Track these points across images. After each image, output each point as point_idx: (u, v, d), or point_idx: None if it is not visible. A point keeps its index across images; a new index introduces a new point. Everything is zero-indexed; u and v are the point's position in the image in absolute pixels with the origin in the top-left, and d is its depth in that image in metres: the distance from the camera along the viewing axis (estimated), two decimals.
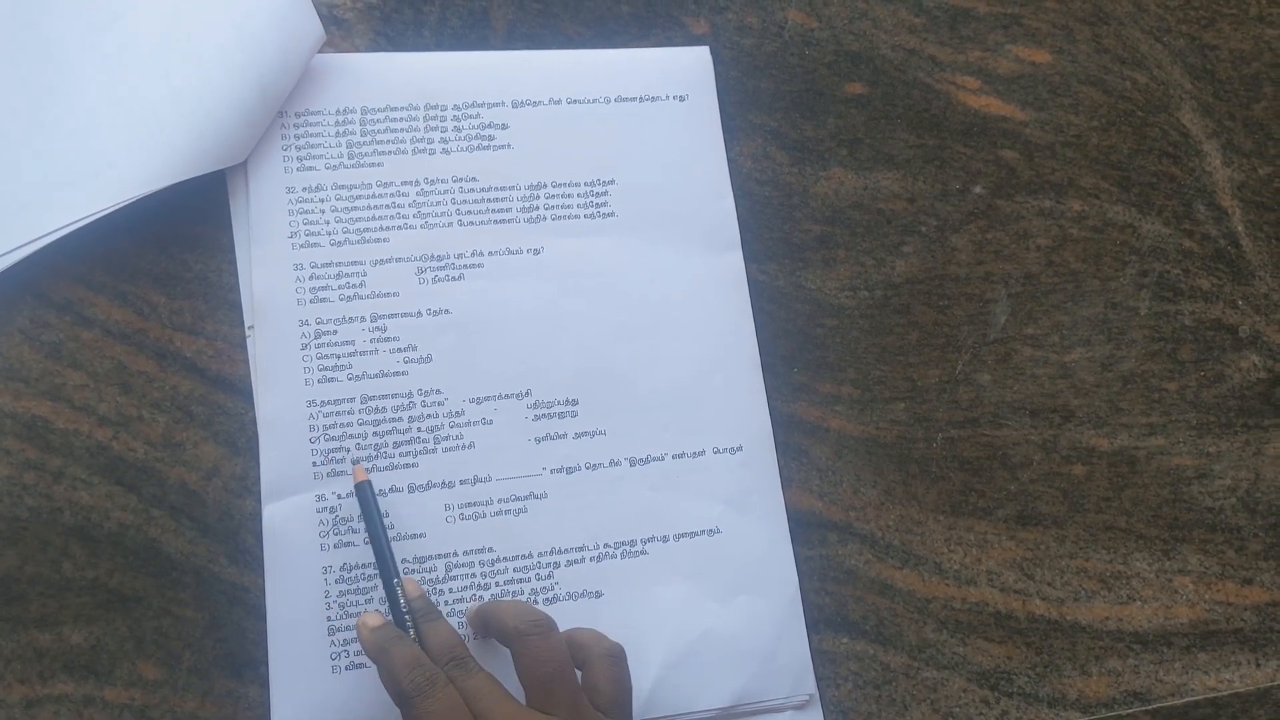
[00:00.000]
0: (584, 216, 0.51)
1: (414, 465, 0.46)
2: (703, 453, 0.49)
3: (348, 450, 0.45)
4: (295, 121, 0.49)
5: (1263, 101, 0.59)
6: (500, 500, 0.47)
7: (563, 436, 0.48)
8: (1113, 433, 0.53)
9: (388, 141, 0.49)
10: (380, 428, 0.46)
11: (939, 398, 0.52)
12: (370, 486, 0.44)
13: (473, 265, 0.49)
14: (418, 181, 0.49)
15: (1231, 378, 0.54)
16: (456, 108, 0.50)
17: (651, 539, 0.47)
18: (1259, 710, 0.50)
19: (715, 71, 0.54)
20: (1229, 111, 0.58)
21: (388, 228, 0.48)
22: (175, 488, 0.45)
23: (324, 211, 0.48)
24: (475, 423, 0.47)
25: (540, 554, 0.46)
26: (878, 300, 0.53)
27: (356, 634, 0.42)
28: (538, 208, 0.50)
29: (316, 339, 0.46)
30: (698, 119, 0.53)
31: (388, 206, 0.49)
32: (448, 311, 0.48)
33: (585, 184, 0.51)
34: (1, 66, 0.47)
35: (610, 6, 0.54)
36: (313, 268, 0.47)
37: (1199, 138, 0.58)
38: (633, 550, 0.47)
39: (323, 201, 0.48)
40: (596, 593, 0.46)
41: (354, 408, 0.46)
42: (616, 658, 0.41)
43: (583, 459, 0.48)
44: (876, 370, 0.52)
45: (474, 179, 0.50)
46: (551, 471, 0.47)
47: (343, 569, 0.44)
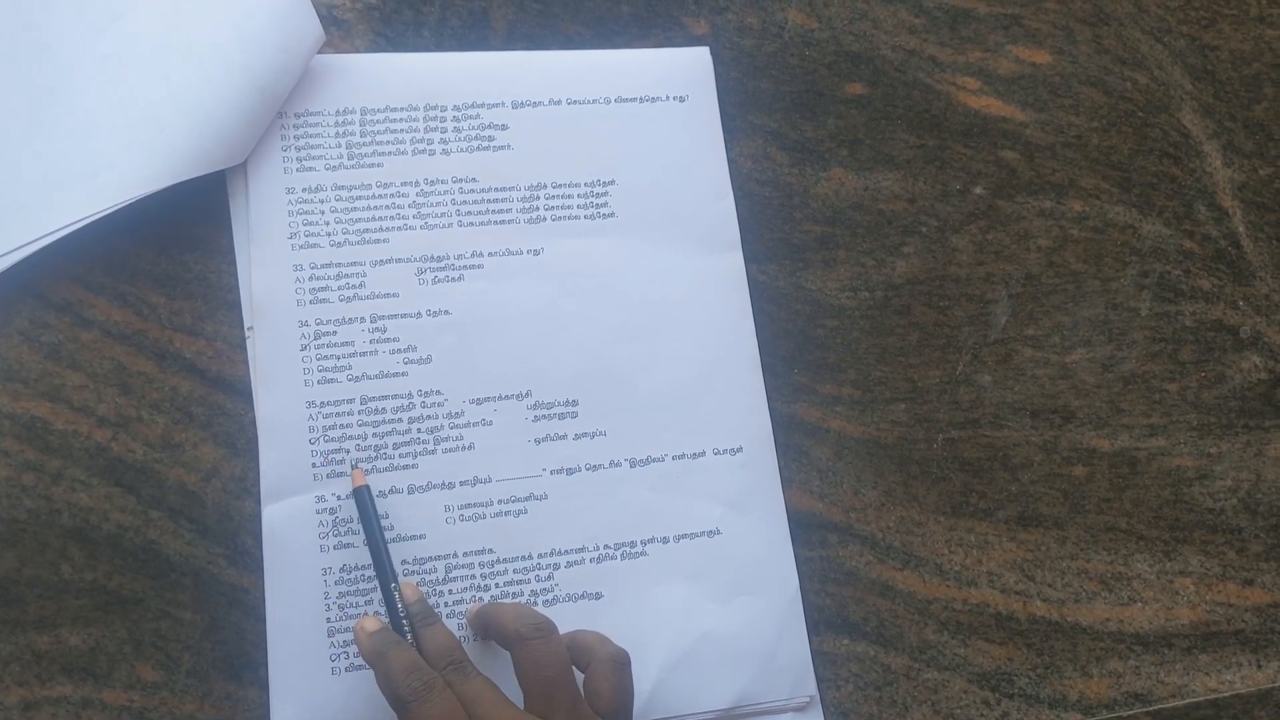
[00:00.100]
0: (584, 217, 0.50)
1: (414, 466, 0.46)
2: (703, 454, 0.49)
3: (347, 451, 0.45)
4: (295, 122, 0.49)
5: (1263, 102, 0.59)
6: (500, 501, 0.46)
7: (563, 437, 0.48)
8: (1113, 434, 0.53)
9: (387, 142, 0.49)
10: (380, 429, 0.46)
11: (939, 398, 0.52)
12: (369, 491, 0.44)
13: (472, 266, 0.49)
14: (417, 182, 0.49)
15: (1232, 378, 0.54)
16: (456, 108, 0.50)
17: (651, 540, 0.47)
18: (1260, 711, 0.50)
19: (715, 72, 0.54)
20: (1229, 112, 0.58)
21: (387, 228, 0.48)
22: (174, 489, 0.45)
23: (324, 212, 0.48)
24: (475, 424, 0.47)
25: (540, 555, 0.46)
26: (878, 301, 0.53)
27: (354, 638, 0.42)
28: (538, 208, 0.50)
29: (316, 340, 0.46)
30: (698, 119, 0.53)
31: (387, 207, 0.48)
32: (447, 312, 0.48)
33: (585, 184, 0.51)
34: (1, 67, 0.47)
35: (610, 7, 0.54)
36: (312, 268, 0.47)
37: (1199, 138, 0.57)
38: (633, 551, 0.47)
39: (322, 202, 0.48)
40: (596, 594, 0.46)
41: (354, 409, 0.46)
42: (621, 663, 0.41)
43: (583, 460, 0.48)
44: (877, 371, 0.52)
45: (474, 179, 0.50)
46: (551, 472, 0.47)
47: (342, 570, 0.44)
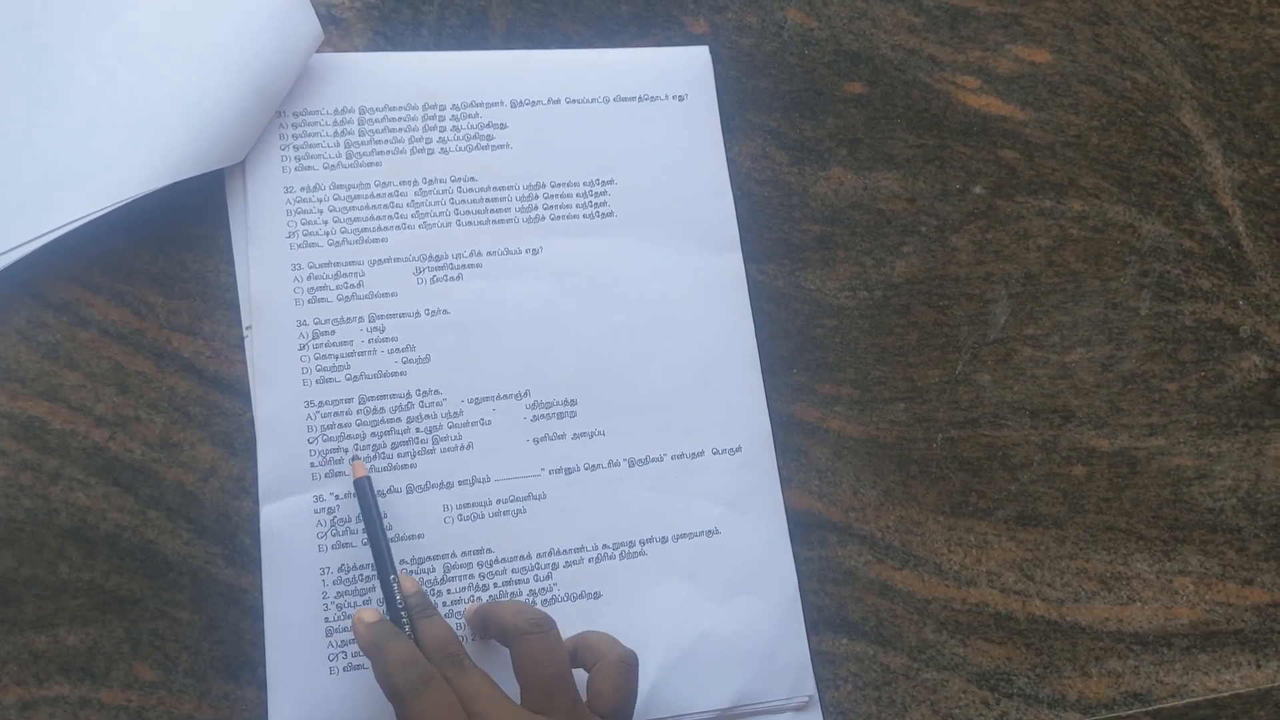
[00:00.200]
0: (583, 216, 0.50)
1: (412, 466, 0.46)
2: (702, 453, 0.49)
3: (346, 451, 0.45)
4: (293, 121, 0.48)
5: (1263, 101, 0.59)
6: (499, 501, 0.46)
7: (561, 437, 0.48)
8: (1113, 433, 0.53)
9: (386, 141, 0.49)
10: (378, 428, 0.46)
11: (939, 398, 0.52)
12: (369, 482, 0.44)
13: (471, 265, 0.49)
14: (416, 181, 0.49)
15: (1232, 378, 0.54)
16: (455, 107, 0.50)
17: (650, 540, 0.47)
18: (1259, 711, 0.50)
19: (714, 71, 0.54)
20: (1229, 111, 0.58)
21: (386, 228, 0.48)
22: (172, 489, 0.45)
23: (322, 211, 0.48)
24: (474, 423, 0.47)
25: (539, 555, 0.46)
26: (877, 300, 0.53)
27: (351, 629, 0.42)
28: (536, 207, 0.50)
29: (314, 339, 0.46)
30: (697, 119, 0.53)
31: (386, 206, 0.48)
32: (446, 312, 0.48)
33: (584, 184, 0.51)
34: None
35: (609, 6, 0.54)
36: (311, 268, 0.47)
37: (1199, 137, 0.57)
38: (631, 551, 0.47)
39: (321, 201, 0.48)
40: (595, 594, 0.46)
41: (352, 408, 0.46)
42: (629, 665, 0.41)
43: (581, 459, 0.48)
44: (876, 371, 0.52)
45: (472, 179, 0.50)
46: (550, 472, 0.47)
47: (340, 570, 0.44)
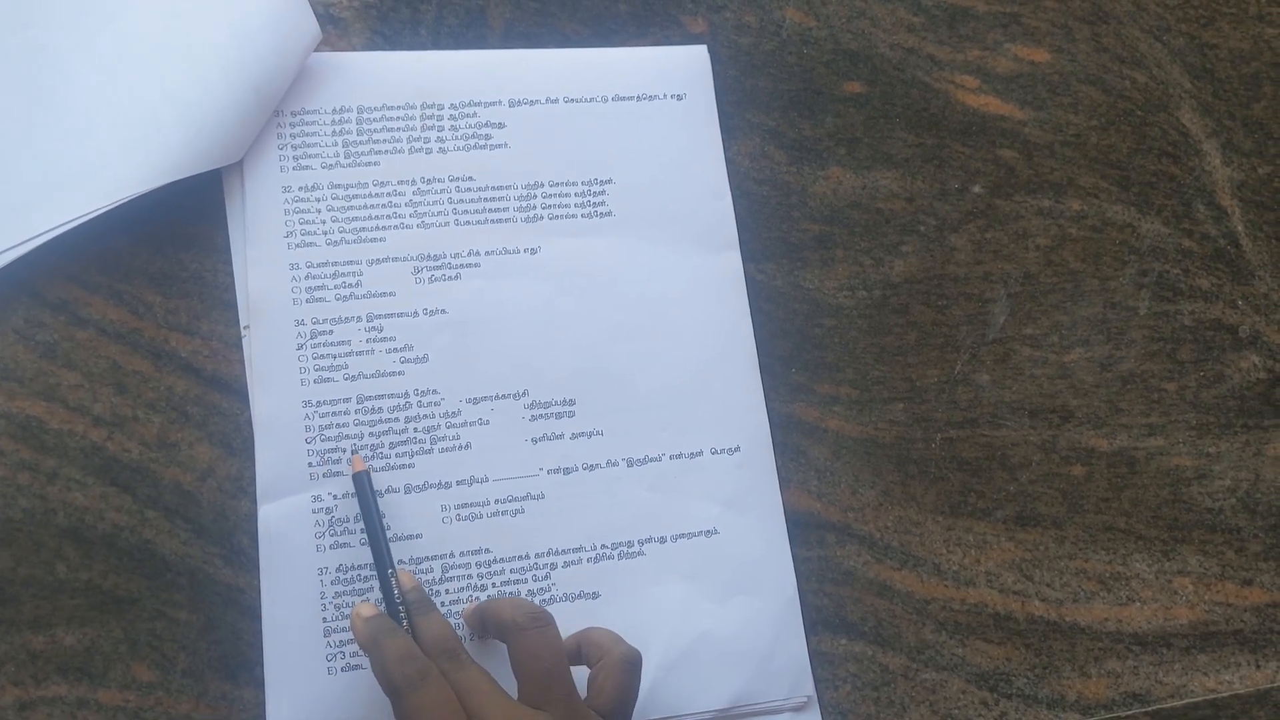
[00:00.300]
0: (581, 216, 0.50)
1: (410, 466, 0.46)
2: (700, 453, 0.49)
3: (344, 451, 0.45)
4: (291, 120, 0.48)
5: (1262, 101, 0.59)
6: (497, 501, 0.46)
7: (560, 437, 0.48)
8: (1112, 433, 0.52)
9: (384, 141, 0.49)
10: (376, 428, 0.46)
11: (938, 398, 0.52)
12: (368, 476, 0.44)
13: (469, 265, 0.49)
14: (414, 181, 0.49)
15: (1231, 378, 0.54)
16: (453, 107, 0.50)
17: (649, 540, 0.47)
18: (1259, 712, 0.50)
19: (713, 70, 0.54)
20: (1229, 111, 0.58)
21: (384, 227, 0.48)
22: (170, 488, 0.45)
23: (320, 211, 0.48)
24: (472, 423, 0.47)
25: (537, 555, 0.46)
26: (876, 300, 0.53)
27: (350, 625, 0.42)
28: (535, 207, 0.50)
29: (312, 339, 0.46)
30: (695, 118, 0.53)
31: (384, 206, 0.48)
32: (444, 311, 0.48)
33: (582, 183, 0.51)
34: None
35: (607, 5, 0.54)
36: (309, 267, 0.47)
37: (1198, 137, 0.57)
38: (630, 551, 0.47)
39: (319, 201, 0.48)
40: (594, 594, 0.46)
41: (350, 408, 0.46)
42: (632, 664, 0.41)
43: (580, 459, 0.48)
44: (875, 370, 0.52)
45: (471, 178, 0.50)
46: (549, 472, 0.47)
47: (339, 570, 0.44)
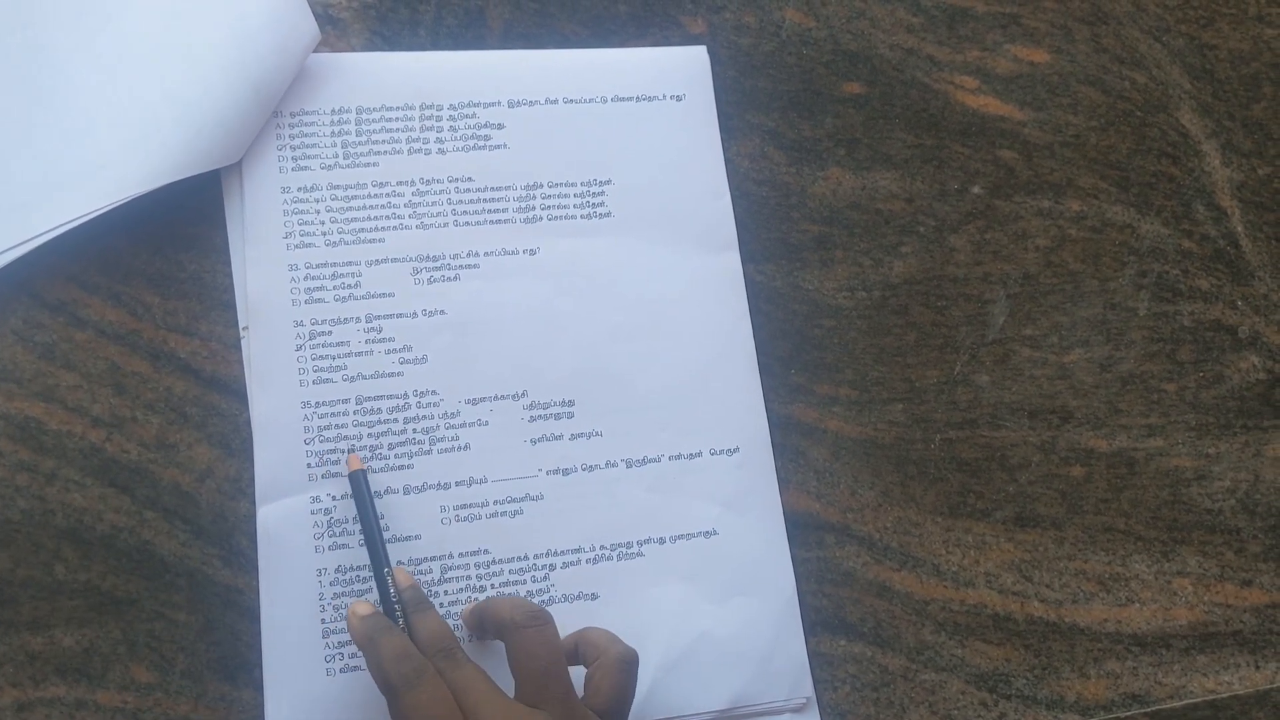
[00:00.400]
0: (580, 217, 0.50)
1: (409, 466, 0.46)
2: (699, 454, 0.49)
3: (343, 452, 0.45)
4: (290, 121, 0.48)
5: (1262, 101, 0.59)
6: (496, 502, 0.46)
7: (559, 438, 0.48)
8: (1111, 434, 0.52)
9: (383, 141, 0.49)
10: (375, 429, 0.46)
11: (937, 399, 0.52)
12: (364, 475, 0.44)
13: (468, 265, 0.49)
14: (413, 181, 0.49)
15: (1231, 379, 0.54)
16: (452, 107, 0.50)
17: (648, 541, 0.47)
18: (1258, 712, 0.50)
19: (712, 71, 0.54)
20: (1228, 111, 0.58)
21: (383, 228, 0.48)
22: (169, 489, 0.45)
23: (319, 212, 0.48)
24: (471, 424, 0.47)
25: (536, 556, 0.46)
26: (875, 301, 0.52)
27: (346, 623, 0.42)
28: (534, 208, 0.50)
29: (311, 340, 0.46)
30: (695, 119, 0.53)
31: (383, 207, 0.48)
32: (443, 312, 0.48)
33: (582, 184, 0.51)
34: None
35: (607, 6, 0.54)
36: (308, 268, 0.47)
37: (1198, 138, 0.57)
38: (629, 552, 0.47)
39: (318, 202, 0.48)
40: (593, 595, 0.46)
41: (349, 409, 0.46)
42: (629, 664, 0.41)
43: (579, 460, 0.47)
44: (874, 371, 0.52)
45: (470, 179, 0.50)
46: (548, 473, 0.47)
47: (337, 571, 0.44)
